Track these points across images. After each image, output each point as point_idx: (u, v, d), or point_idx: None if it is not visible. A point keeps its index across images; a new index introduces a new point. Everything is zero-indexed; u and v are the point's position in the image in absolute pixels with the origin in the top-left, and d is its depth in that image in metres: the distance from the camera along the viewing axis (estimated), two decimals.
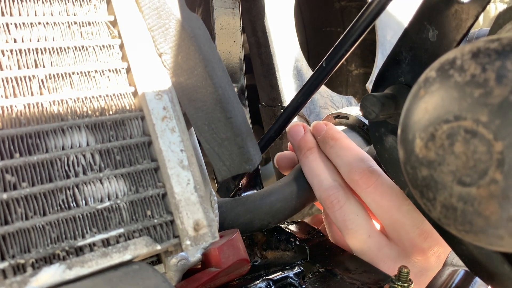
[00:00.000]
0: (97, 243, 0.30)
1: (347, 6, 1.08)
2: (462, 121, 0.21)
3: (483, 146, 0.20)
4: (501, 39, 0.20)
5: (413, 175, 0.24)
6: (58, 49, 0.32)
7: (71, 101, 0.32)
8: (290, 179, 0.53)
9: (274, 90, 0.76)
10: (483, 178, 0.20)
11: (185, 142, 0.34)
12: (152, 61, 0.35)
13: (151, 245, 0.31)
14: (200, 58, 0.34)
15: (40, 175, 0.29)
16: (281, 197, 0.51)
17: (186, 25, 0.35)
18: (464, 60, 0.21)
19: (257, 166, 0.42)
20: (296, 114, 0.50)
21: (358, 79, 1.10)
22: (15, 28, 0.31)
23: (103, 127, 0.33)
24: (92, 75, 0.33)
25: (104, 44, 0.34)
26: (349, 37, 0.43)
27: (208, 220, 0.33)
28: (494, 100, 0.19)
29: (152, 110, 0.34)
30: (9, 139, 0.29)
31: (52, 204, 0.29)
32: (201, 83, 0.34)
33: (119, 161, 0.32)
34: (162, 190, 0.33)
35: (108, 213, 0.31)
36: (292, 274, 0.44)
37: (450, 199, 0.22)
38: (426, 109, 0.22)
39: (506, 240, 0.21)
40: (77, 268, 0.28)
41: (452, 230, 0.23)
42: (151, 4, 0.35)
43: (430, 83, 0.22)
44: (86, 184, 0.31)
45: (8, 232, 0.27)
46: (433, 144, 0.22)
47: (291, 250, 0.49)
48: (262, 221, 0.50)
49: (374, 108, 0.37)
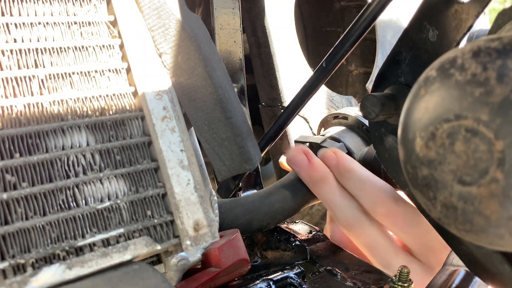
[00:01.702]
0: (97, 243, 0.30)
1: (347, 6, 1.08)
2: (463, 120, 0.21)
3: (484, 145, 0.20)
4: (502, 38, 0.20)
5: (413, 175, 0.24)
6: (58, 49, 0.32)
7: (71, 101, 0.32)
8: (290, 180, 0.53)
9: (274, 90, 0.76)
10: (483, 177, 0.20)
11: (185, 142, 0.34)
12: (152, 61, 0.35)
13: (151, 245, 0.31)
14: (200, 58, 0.34)
15: (40, 175, 0.29)
16: (281, 198, 0.51)
17: (186, 25, 0.35)
18: (464, 59, 0.21)
19: (257, 166, 0.42)
20: (296, 114, 0.50)
21: (358, 79, 1.10)
22: (15, 28, 0.31)
23: (103, 127, 0.33)
24: (92, 75, 0.33)
25: (104, 44, 0.34)
26: (349, 37, 0.43)
27: (208, 220, 0.33)
28: (495, 99, 0.19)
29: (152, 110, 0.34)
30: (9, 139, 0.29)
31: (52, 204, 0.29)
32: (201, 83, 0.34)
33: (119, 161, 0.32)
34: (162, 190, 0.33)
35: (108, 213, 0.31)
36: (292, 274, 0.44)
37: (451, 198, 0.22)
38: (426, 108, 0.22)
39: (506, 239, 0.21)
40: (77, 268, 0.28)
41: (452, 230, 0.23)
42: (151, 4, 0.35)
43: (431, 82, 0.22)
44: (86, 184, 0.31)
45: (8, 232, 0.27)
46: (433, 143, 0.22)
47: (291, 250, 0.49)
48: (261, 221, 0.49)
49: (374, 108, 0.37)
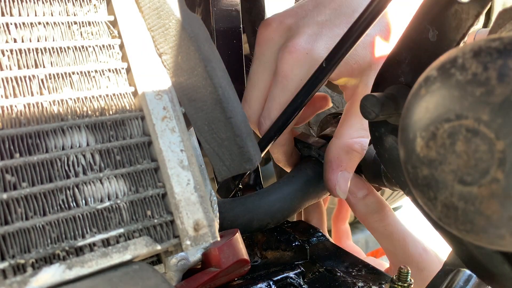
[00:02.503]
0: (97, 243, 0.30)
1: None
2: (464, 120, 0.21)
3: (485, 145, 0.20)
4: (503, 38, 0.20)
5: (413, 175, 0.24)
6: (58, 49, 0.32)
7: (71, 101, 0.32)
8: (290, 179, 0.53)
9: None
10: (484, 177, 0.20)
11: (185, 142, 0.34)
12: (152, 61, 0.35)
13: (151, 245, 0.31)
14: (200, 58, 0.34)
15: (40, 175, 0.29)
16: (281, 197, 0.51)
17: (186, 25, 0.35)
18: (465, 59, 0.21)
19: (257, 166, 0.42)
20: (296, 114, 0.50)
21: None
22: (15, 28, 0.31)
23: (103, 127, 0.32)
24: (92, 75, 0.33)
25: (104, 44, 0.34)
26: (349, 37, 0.43)
27: (208, 220, 0.33)
28: (495, 99, 0.19)
29: (152, 110, 0.34)
30: (9, 139, 0.29)
31: (52, 204, 0.29)
32: (201, 83, 0.34)
33: (119, 161, 0.32)
34: (162, 190, 0.33)
35: (108, 213, 0.31)
36: (292, 274, 0.44)
37: (451, 198, 0.22)
38: (427, 108, 0.22)
39: (507, 239, 0.21)
40: (77, 268, 0.28)
41: (453, 230, 0.23)
42: (151, 4, 0.35)
43: (431, 82, 0.22)
44: (86, 184, 0.31)
45: (8, 232, 0.27)
46: (434, 143, 0.22)
47: (291, 250, 0.49)
48: (261, 221, 0.49)
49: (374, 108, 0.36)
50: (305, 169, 0.55)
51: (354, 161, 0.52)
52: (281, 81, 0.51)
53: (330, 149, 0.53)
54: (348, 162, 0.52)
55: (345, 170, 0.52)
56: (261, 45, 0.54)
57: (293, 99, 0.49)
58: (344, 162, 0.52)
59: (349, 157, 0.52)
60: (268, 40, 0.54)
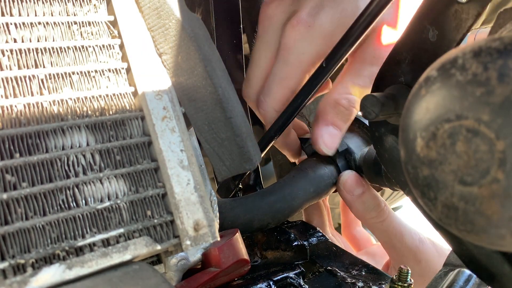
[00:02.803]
0: (97, 243, 0.30)
1: None
2: (464, 120, 0.21)
3: (485, 145, 0.20)
4: (503, 38, 0.20)
5: (414, 175, 0.24)
6: (58, 49, 0.32)
7: (71, 101, 0.32)
8: (290, 179, 0.53)
9: None
10: (484, 177, 0.20)
11: (185, 142, 0.34)
12: (152, 61, 0.35)
13: (151, 245, 0.31)
14: (200, 58, 0.34)
15: (40, 175, 0.29)
16: (281, 197, 0.51)
17: (186, 25, 0.35)
18: (465, 59, 0.21)
19: (257, 166, 0.42)
20: (296, 114, 0.50)
21: None
22: (15, 28, 0.31)
23: (103, 127, 0.32)
24: (92, 75, 0.33)
25: (104, 44, 0.34)
26: (349, 37, 0.43)
27: (208, 220, 0.33)
28: (495, 99, 0.19)
29: (152, 110, 0.34)
30: (9, 139, 0.29)
31: (52, 204, 0.29)
32: (201, 83, 0.34)
33: (119, 161, 0.32)
34: (162, 190, 0.33)
35: (108, 213, 0.31)
36: (292, 274, 0.44)
37: (452, 198, 0.22)
38: (427, 108, 0.22)
39: (507, 239, 0.21)
40: (77, 268, 0.28)
41: (453, 230, 0.23)
42: (151, 4, 0.35)
43: (432, 82, 0.22)
44: (86, 184, 0.31)
45: (8, 232, 0.27)
46: (434, 143, 0.22)
47: (291, 250, 0.49)
48: (261, 221, 0.49)
49: (374, 108, 0.36)
50: (305, 169, 0.55)
51: (341, 117, 0.52)
52: (283, 54, 0.51)
53: (319, 105, 0.53)
54: (334, 117, 0.52)
55: (331, 125, 0.52)
56: (264, 23, 0.54)
57: (293, 99, 0.49)
58: (330, 116, 0.52)
59: (335, 112, 0.52)
60: (270, 18, 0.53)
